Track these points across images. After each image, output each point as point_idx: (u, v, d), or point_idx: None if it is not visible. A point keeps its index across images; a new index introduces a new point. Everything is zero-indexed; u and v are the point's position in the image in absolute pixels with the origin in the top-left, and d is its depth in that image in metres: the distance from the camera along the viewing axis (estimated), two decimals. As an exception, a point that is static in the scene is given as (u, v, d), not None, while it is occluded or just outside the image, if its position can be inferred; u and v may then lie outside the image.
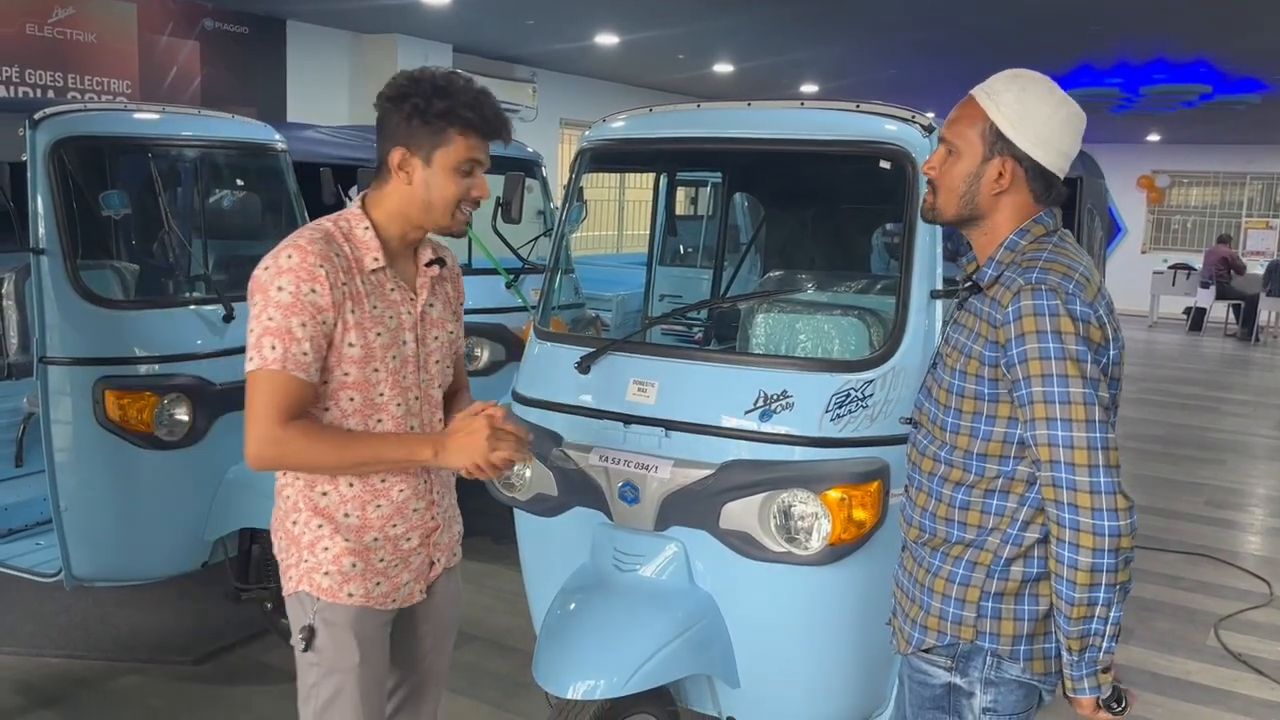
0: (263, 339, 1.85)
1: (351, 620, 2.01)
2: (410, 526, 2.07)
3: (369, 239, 1.98)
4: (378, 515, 2.02)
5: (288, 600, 2.07)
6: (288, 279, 1.86)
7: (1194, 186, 19.13)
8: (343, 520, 2.00)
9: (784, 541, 2.55)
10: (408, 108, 1.92)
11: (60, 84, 7.83)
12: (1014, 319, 1.73)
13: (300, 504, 2.00)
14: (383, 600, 2.06)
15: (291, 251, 1.88)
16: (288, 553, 2.04)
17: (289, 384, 1.85)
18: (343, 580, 2.00)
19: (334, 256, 1.91)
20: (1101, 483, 1.68)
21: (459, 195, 1.97)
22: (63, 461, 3.51)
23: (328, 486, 1.99)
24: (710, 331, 4.44)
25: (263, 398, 1.84)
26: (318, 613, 2.00)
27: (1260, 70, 10.38)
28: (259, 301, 1.87)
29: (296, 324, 1.85)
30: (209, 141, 4.13)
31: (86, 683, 3.70)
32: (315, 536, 2.00)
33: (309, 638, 2.00)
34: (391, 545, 2.05)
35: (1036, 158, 1.82)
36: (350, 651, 2.01)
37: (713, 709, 2.84)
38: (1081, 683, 1.75)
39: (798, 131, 2.90)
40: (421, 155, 1.94)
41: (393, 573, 2.06)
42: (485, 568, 4.89)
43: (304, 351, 1.86)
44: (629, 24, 9.34)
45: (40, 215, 3.44)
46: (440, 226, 2.01)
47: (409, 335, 2.04)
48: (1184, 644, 4.39)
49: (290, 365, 1.85)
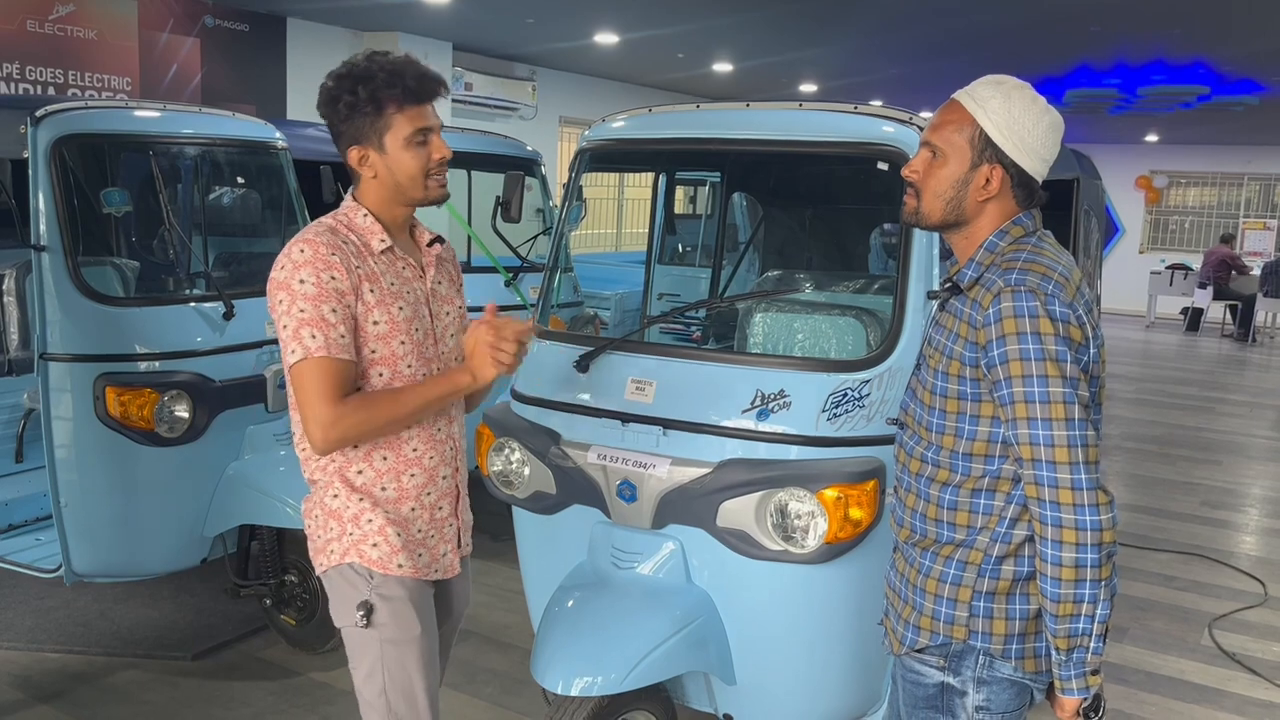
0: (300, 330, 1.93)
1: (408, 591, 2.10)
2: (441, 494, 2.18)
3: (370, 224, 2.07)
4: (413, 484, 2.12)
5: (328, 575, 2.11)
6: (307, 271, 1.94)
7: (1192, 187, 19.15)
8: (380, 494, 2.09)
9: (781, 540, 2.57)
10: (341, 108, 2.00)
11: (61, 81, 7.83)
12: (994, 320, 1.75)
13: (337, 484, 2.08)
14: (427, 571, 2.16)
15: (303, 246, 1.97)
16: (326, 527, 2.10)
17: (337, 366, 1.95)
18: (391, 552, 2.08)
19: (342, 245, 2.00)
20: (1082, 479, 1.70)
21: (423, 166, 2.05)
22: (63, 457, 3.53)
23: (362, 464, 2.08)
24: (708, 330, 4.46)
25: (315, 384, 1.93)
26: (374, 588, 2.07)
27: (1258, 72, 10.40)
28: (284, 299, 1.95)
29: (328, 310, 1.95)
30: (209, 139, 4.14)
31: (86, 677, 3.71)
32: (359, 510, 2.08)
33: (369, 613, 2.06)
34: (428, 514, 2.15)
35: (1022, 164, 1.83)
36: (412, 623, 2.09)
37: (709, 706, 2.86)
38: (1070, 683, 1.76)
39: (796, 132, 2.91)
40: (373, 146, 2.02)
41: (431, 543, 2.16)
42: (483, 565, 4.91)
43: (341, 335, 1.96)
44: (629, 23, 9.35)
45: (41, 212, 3.45)
46: (419, 199, 2.09)
47: (425, 310, 2.14)
48: (1178, 643, 4.41)
49: (334, 350, 1.94)
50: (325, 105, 2.03)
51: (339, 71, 2.02)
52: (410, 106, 2.01)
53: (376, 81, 1.98)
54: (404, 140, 2.02)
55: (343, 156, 2.08)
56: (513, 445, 2.96)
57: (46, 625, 4.06)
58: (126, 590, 4.34)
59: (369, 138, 2.02)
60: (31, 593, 4.30)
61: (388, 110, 1.99)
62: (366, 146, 2.03)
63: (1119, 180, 18.05)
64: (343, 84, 1.99)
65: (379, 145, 2.02)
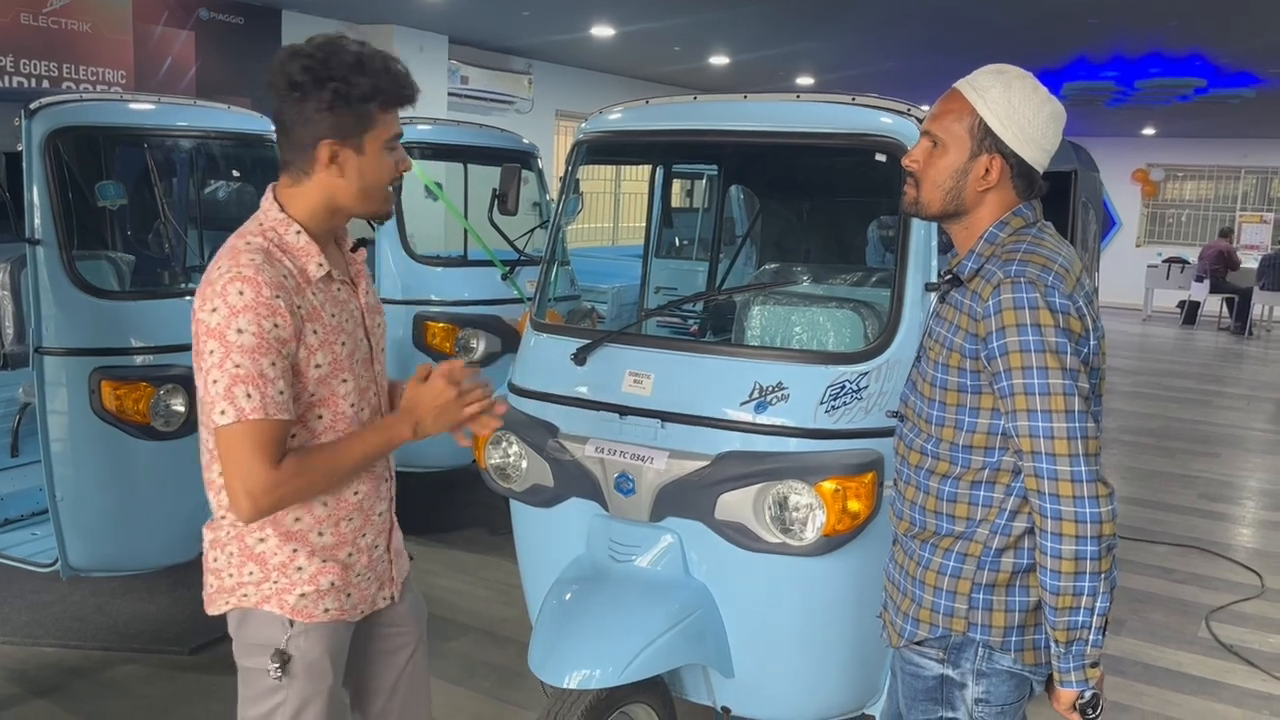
0: (233, 389, 1.69)
1: (327, 640, 1.91)
2: (377, 532, 2.00)
3: (304, 244, 1.82)
4: (350, 529, 1.93)
5: (232, 615, 1.91)
6: (246, 319, 1.69)
7: (1189, 180, 19.16)
8: (316, 540, 1.89)
9: (779, 532, 2.57)
10: (329, 94, 1.72)
11: (55, 74, 7.80)
12: (994, 312, 1.74)
13: (269, 530, 1.85)
14: (353, 612, 1.97)
15: (242, 287, 1.70)
16: (242, 569, 1.87)
17: (273, 429, 1.72)
18: (318, 597, 1.88)
19: (283, 279, 1.75)
20: (1082, 471, 1.69)
21: (392, 175, 1.85)
22: (59, 452, 3.52)
23: (300, 511, 1.86)
24: (706, 323, 4.45)
25: (248, 450, 1.70)
26: (291, 638, 1.87)
27: (1254, 64, 10.39)
28: (216, 349, 1.69)
29: (267, 364, 1.71)
30: (204, 132, 4.13)
31: (82, 672, 3.70)
32: (288, 558, 1.87)
33: (284, 664, 1.86)
34: (365, 556, 1.97)
35: (1022, 154, 1.82)
36: (325, 673, 1.91)
37: (708, 699, 2.85)
38: (1069, 675, 1.76)
39: (793, 124, 2.90)
40: (353, 144, 1.78)
41: (364, 584, 1.98)
42: (481, 559, 4.90)
43: (280, 391, 1.73)
44: (625, 15, 9.33)
45: (36, 205, 3.44)
46: (372, 210, 1.88)
47: (361, 333, 1.94)
48: (1176, 635, 4.42)
49: (271, 410, 1.71)
50: (303, 88, 1.72)
51: (319, 53, 1.73)
52: (394, 109, 1.81)
53: (378, 76, 1.75)
54: (383, 144, 1.80)
55: (298, 147, 1.78)
56: (510, 439, 2.95)
57: (43, 620, 4.05)
58: (123, 584, 4.33)
59: (351, 134, 1.76)
60: (28, 587, 4.29)
61: (376, 109, 1.77)
62: (344, 144, 1.77)
63: (1116, 173, 18.03)
64: (332, 67, 1.72)
65: (358, 145, 1.78)
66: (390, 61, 1.79)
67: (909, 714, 1.99)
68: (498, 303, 5.09)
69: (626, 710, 2.65)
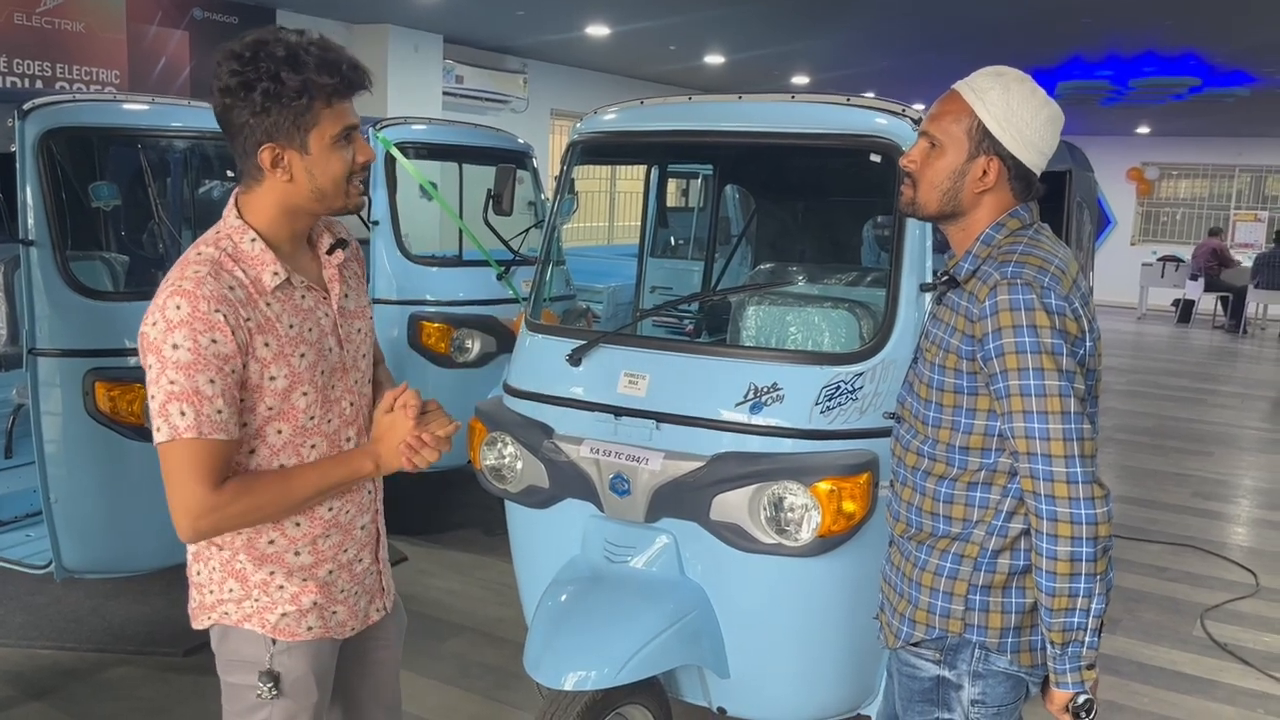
0: (168, 406, 1.63)
1: (310, 659, 1.86)
2: (360, 546, 1.94)
3: (259, 253, 1.74)
4: (329, 545, 1.87)
5: (214, 631, 1.87)
6: (182, 334, 1.62)
7: (1183, 179, 19.19)
8: (294, 560, 1.83)
9: (774, 533, 2.57)
10: (258, 96, 1.64)
11: (48, 74, 7.78)
12: (990, 313, 1.74)
13: (242, 556, 1.81)
14: (340, 630, 1.92)
15: (180, 301, 1.63)
16: (223, 586, 1.82)
17: (210, 449, 1.65)
18: (299, 616, 1.84)
19: (228, 292, 1.67)
20: (1078, 473, 1.70)
21: (347, 169, 1.75)
22: (53, 453, 3.51)
23: (273, 534, 1.81)
24: (701, 324, 4.45)
25: (184, 470, 1.64)
26: (275, 656, 1.82)
27: (1248, 63, 10.41)
28: (154, 364, 1.64)
29: (204, 381, 1.63)
30: (198, 132, 4.11)
31: (78, 674, 3.70)
32: (266, 577, 1.82)
33: (276, 682, 1.82)
34: (347, 572, 1.91)
35: (1020, 157, 1.83)
36: (309, 691, 1.86)
37: (703, 700, 2.85)
38: (1065, 677, 1.76)
39: (788, 125, 2.90)
40: (295, 145, 1.69)
41: (351, 600, 1.93)
42: (476, 559, 4.90)
43: (218, 410, 1.65)
44: (620, 15, 9.33)
45: (29, 206, 3.43)
46: (339, 207, 1.79)
47: (332, 341, 1.84)
48: (1170, 634, 4.42)
49: (206, 429, 1.63)
50: (232, 91, 1.65)
51: (246, 52, 1.64)
52: (339, 101, 1.70)
53: (306, 69, 1.63)
54: (331, 140, 1.70)
55: (242, 154, 1.72)
56: (505, 439, 2.95)
57: (38, 622, 4.04)
58: (117, 586, 4.32)
59: (290, 135, 1.67)
60: (22, 589, 4.28)
61: (317, 102, 1.66)
62: (285, 146, 1.68)
63: (1111, 172, 18.07)
64: (260, 66, 1.62)
65: (301, 145, 1.69)
66: (329, 51, 1.68)
67: (905, 715, 1.99)
68: (493, 303, 5.09)
69: (622, 711, 2.65)
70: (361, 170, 1.78)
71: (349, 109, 1.73)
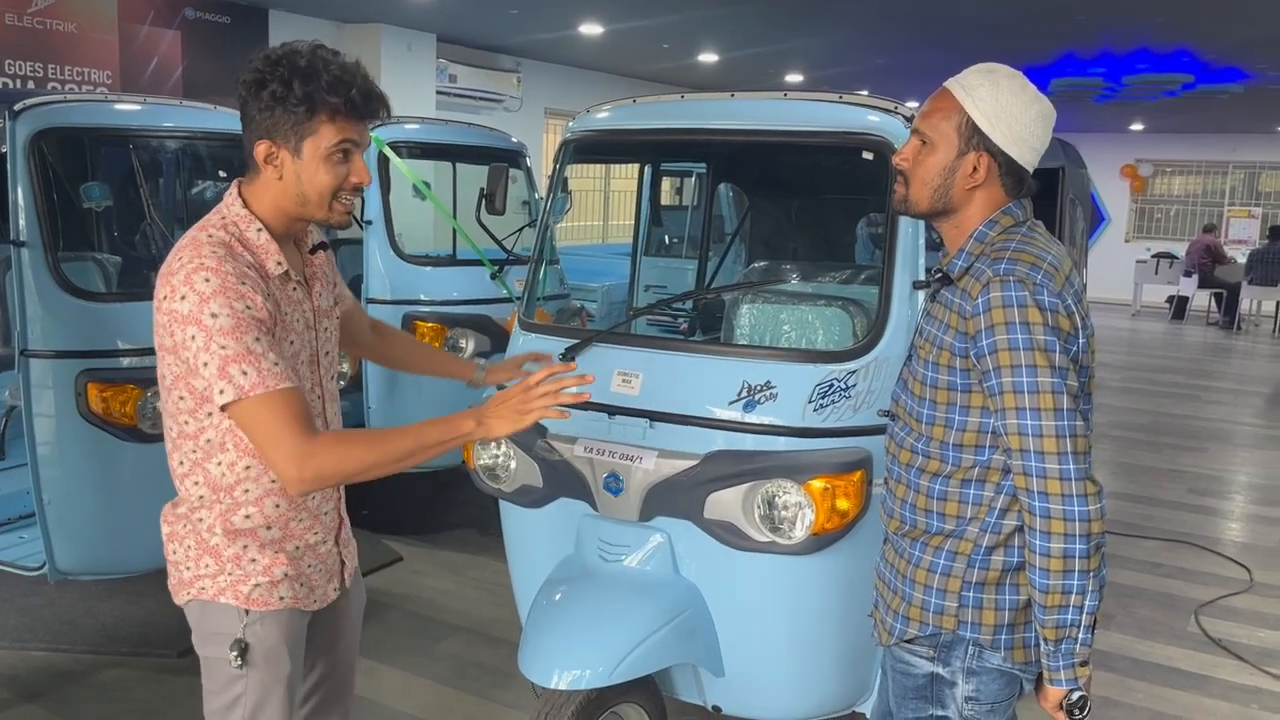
0: (227, 369, 1.70)
1: (283, 628, 1.95)
2: (326, 529, 2.04)
3: (265, 242, 1.85)
4: (299, 527, 1.97)
5: (192, 606, 1.95)
6: (218, 303, 1.71)
7: (1177, 175, 19.23)
8: (265, 535, 1.92)
9: (768, 531, 2.57)
10: (266, 96, 1.76)
11: (40, 75, 7.76)
12: (983, 310, 1.74)
13: (217, 527, 1.90)
14: (307, 601, 2.00)
15: (207, 275, 1.73)
16: (199, 562, 1.91)
17: (284, 397, 1.72)
18: (271, 587, 1.93)
19: (245, 272, 1.77)
20: (1071, 470, 1.70)
21: (335, 185, 1.83)
22: (45, 455, 3.50)
23: (251, 509, 1.90)
24: (695, 322, 4.45)
25: (267, 425, 1.71)
26: (248, 626, 1.91)
27: (1242, 60, 10.43)
28: (197, 335, 1.71)
29: (251, 340, 1.72)
30: (191, 132, 4.10)
31: (72, 676, 3.69)
32: (239, 551, 1.91)
33: (244, 653, 1.90)
34: (313, 552, 2.00)
35: (1010, 154, 1.82)
36: (283, 661, 1.95)
37: (698, 698, 2.85)
38: (1059, 674, 1.76)
39: (780, 122, 2.90)
40: (289, 147, 1.80)
41: (315, 575, 2.02)
42: (471, 559, 4.90)
43: (274, 363, 1.73)
44: (613, 13, 9.32)
45: (20, 207, 3.42)
46: (318, 219, 1.88)
47: (310, 334, 1.96)
48: (1165, 630, 4.43)
49: (271, 381, 1.72)
50: (247, 87, 1.78)
51: (274, 55, 1.77)
52: (344, 120, 1.80)
53: (317, 82, 1.75)
54: (325, 152, 1.80)
55: (248, 144, 1.84)
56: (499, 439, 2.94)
57: (32, 624, 4.03)
58: (111, 588, 4.31)
59: (286, 137, 1.79)
60: (16, 591, 4.27)
61: (320, 114, 1.77)
62: (280, 145, 1.80)
63: (1104, 169, 18.10)
64: (276, 70, 1.75)
65: (295, 149, 1.80)
66: (347, 74, 1.79)
67: (899, 712, 1.99)
68: (487, 302, 5.08)
69: (617, 710, 2.65)
70: (352, 191, 1.86)
71: (352, 129, 1.82)
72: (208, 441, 1.86)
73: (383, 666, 3.81)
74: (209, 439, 1.86)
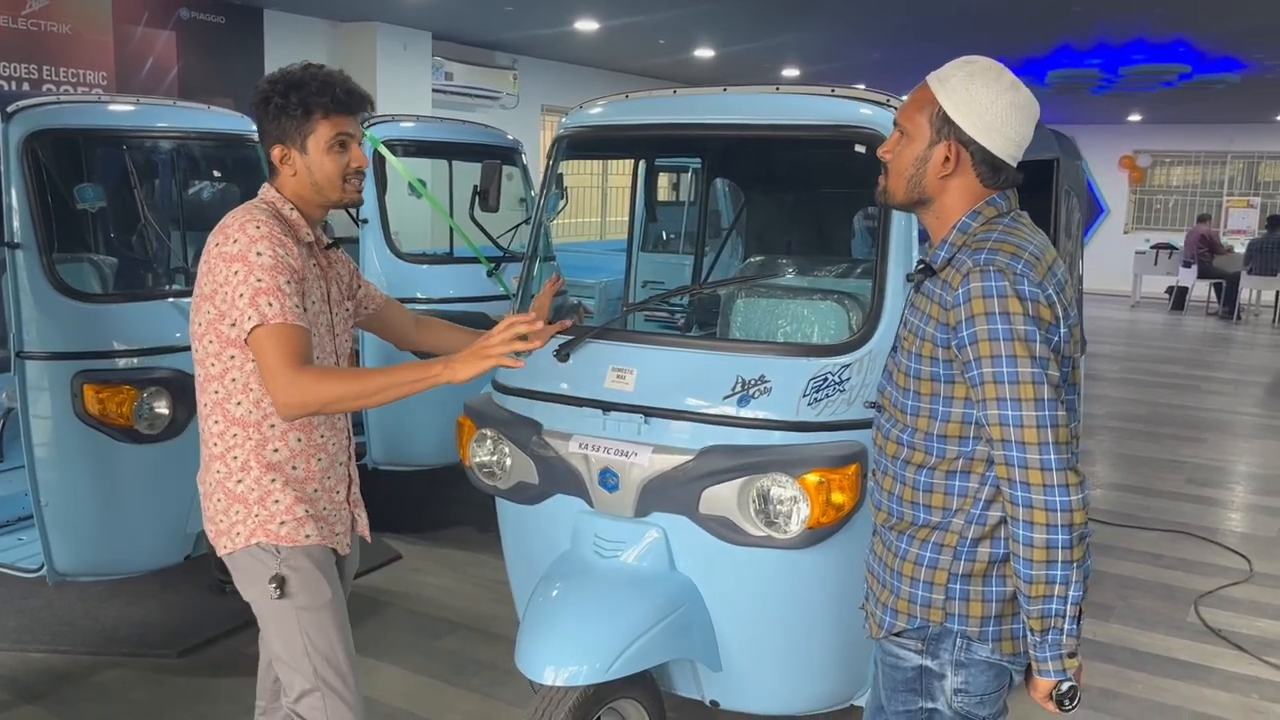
0: (257, 298, 2.02)
1: (317, 559, 2.22)
2: (338, 479, 2.32)
3: (296, 218, 2.21)
4: (318, 467, 2.25)
5: (234, 557, 2.21)
6: (264, 245, 2.06)
7: (1175, 166, 19.21)
8: (291, 473, 2.20)
9: (763, 525, 2.57)
10: (271, 108, 2.15)
11: (35, 76, 7.76)
12: (963, 301, 1.74)
13: (251, 462, 2.17)
14: (331, 538, 2.28)
15: (258, 223, 2.09)
16: (229, 512, 2.19)
17: (294, 333, 2.04)
18: (298, 524, 2.19)
19: (285, 234, 2.13)
20: (1052, 459, 1.69)
21: (340, 169, 2.20)
22: (43, 456, 3.50)
23: (279, 443, 2.19)
24: (691, 318, 4.45)
25: (275, 351, 2.01)
26: (283, 561, 2.17)
27: (1238, 50, 10.41)
28: (239, 270, 2.04)
29: (283, 281, 2.05)
30: (186, 133, 4.10)
31: (71, 677, 3.69)
32: (265, 492, 2.18)
33: (281, 585, 2.16)
34: (328, 496, 2.28)
35: (982, 142, 1.82)
36: (323, 589, 2.21)
37: (696, 693, 2.86)
38: (1046, 664, 1.76)
39: (773, 116, 2.90)
40: (296, 145, 2.18)
41: (333, 519, 2.29)
42: (469, 556, 4.90)
43: (296, 304, 2.06)
44: (609, 9, 9.31)
45: (15, 209, 3.42)
46: (335, 200, 2.24)
47: (326, 309, 2.28)
48: (1164, 620, 4.43)
49: (290, 317, 2.04)
50: (256, 105, 2.18)
51: (274, 76, 2.19)
52: (336, 115, 2.16)
53: (308, 89, 2.13)
54: (325, 144, 2.17)
55: (265, 151, 2.22)
56: (494, 436, 2.95)
57: (31, 625, 4.04)
58: (110, 589, 4.32)
59: (292, 138, 2.17)
60: (15, 593, 4.27)
61: (314, 114, 2.15)
62: (289, 146, 2.17)
63: (1102, 160, 18.08)
64: (275, 87, 2.15)
65: (301, 146, 2.17)
66: (332, 78, 2.18)
67: (889, 705, 1.99)
68: (483, 299, 5.08)
69: (615, 705, 2.65)
70: (355, 174, 2.24)
71: (345, 122, 2.19)
72: (232, 381, 2.14)
73: (382, 664, 3.81)
74: (234, 379, 2.14)
